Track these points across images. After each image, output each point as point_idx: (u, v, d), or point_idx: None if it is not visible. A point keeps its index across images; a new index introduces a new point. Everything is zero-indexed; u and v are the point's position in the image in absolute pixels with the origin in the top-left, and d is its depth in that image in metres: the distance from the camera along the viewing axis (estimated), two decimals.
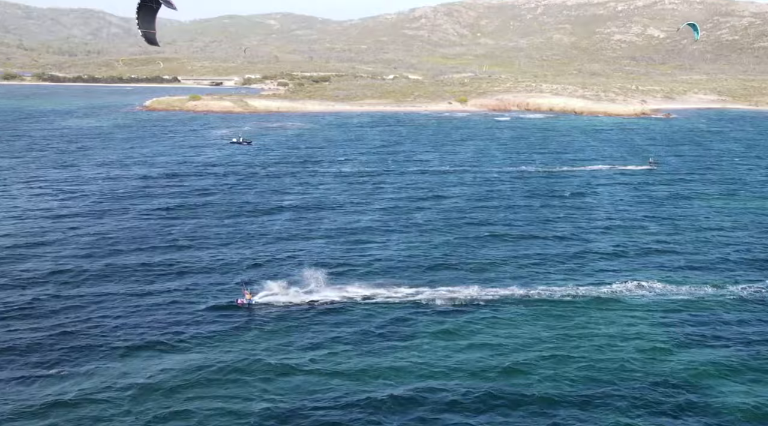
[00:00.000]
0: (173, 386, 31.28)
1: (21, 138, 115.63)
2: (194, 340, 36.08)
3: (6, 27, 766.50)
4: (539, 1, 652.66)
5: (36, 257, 50.21)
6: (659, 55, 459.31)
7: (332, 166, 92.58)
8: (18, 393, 30.92)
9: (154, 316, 39.17)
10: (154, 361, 33.67)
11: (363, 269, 47.89)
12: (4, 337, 36.42)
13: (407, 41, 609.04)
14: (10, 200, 68.43)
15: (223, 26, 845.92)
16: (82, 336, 36.61)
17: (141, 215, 63.42)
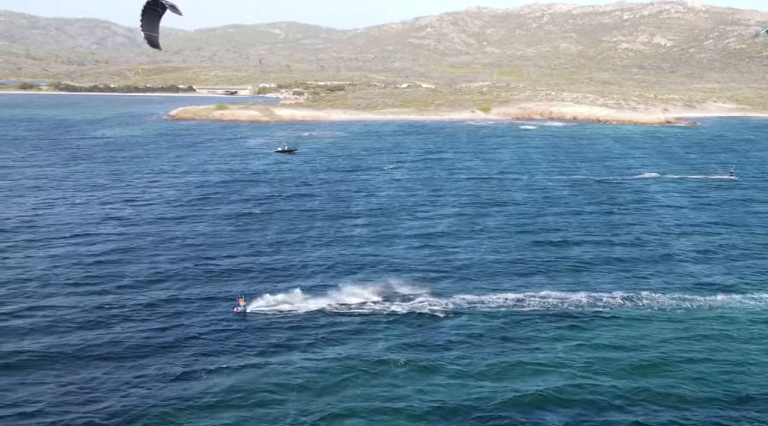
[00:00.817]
0: (324, 386, 32.48)
1: (65, 148, 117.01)
2: (323, 339, 37.36)
3: (12, 36, 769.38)
4: (544, 11, 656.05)
5: (135, 261, 51.53)
6: (667, 63, 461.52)
7: (383, 173, 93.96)
8: (173, 390, 32.11)
9: (271, 319, 40.43)
10: (289, 360, 34.88)
11: (456, 274, 49.17)
12: (146, 336, 37.70)
13: (414, 50, 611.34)
14: (82, 209, 69.65)
15: (228, 35, 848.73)
16: (213, 335, 37.87)
17: (219, 220, 64.84)
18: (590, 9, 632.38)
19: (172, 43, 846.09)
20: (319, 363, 34.68)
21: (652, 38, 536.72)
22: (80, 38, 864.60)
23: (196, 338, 37.70)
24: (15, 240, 57.19)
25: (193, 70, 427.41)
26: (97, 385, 33.12)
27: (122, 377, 33.69)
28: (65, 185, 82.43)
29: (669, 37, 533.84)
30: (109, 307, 42.28)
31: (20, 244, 56.23)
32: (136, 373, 34.23)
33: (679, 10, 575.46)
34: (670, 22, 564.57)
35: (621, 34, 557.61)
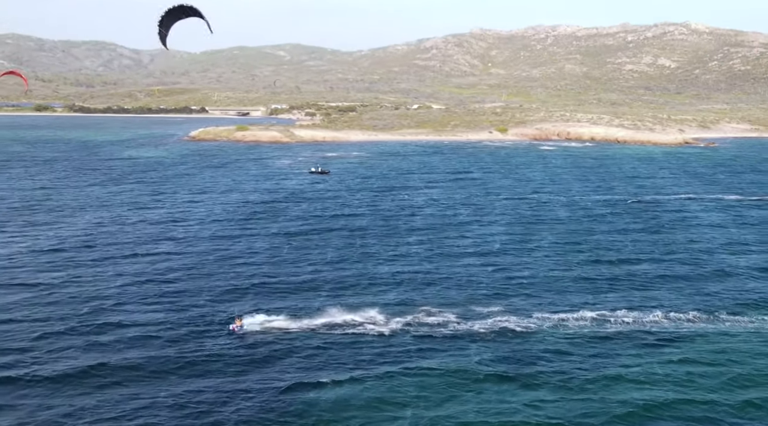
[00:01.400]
0: (429, 399, 33.29)
1: (98, 169, 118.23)
2: (417, 353, 38.14)
3: (19, 59, 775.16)
4: (549, 32, 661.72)
5: (205, 278, 52.44)
6: (673, 84, 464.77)
7: (419, 193, 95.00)
8: (280, 403, 32.89)
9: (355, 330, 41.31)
10: (388, 372, 35.72)
11: (524, 291, 49.96)
12: (240, 350, 38.50)
13: (419, 71, 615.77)
14: (135, 228, 70.60)
15: (234, 57, 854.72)
16: (308, 350, 38.67)
17: (274, 238, 65.94)
18: (594, 31, 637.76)
19: (177, 65, 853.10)
20: (418, 378, 35.43)
21: (656, 60, 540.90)
22: (87, 60, 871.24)
23: (293, 352, 38.50)
24: (80, 259, 58.05)
25: (202, 92, 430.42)
26: (204, 397, 33.87)
27: (227, 389, 34.47)
28: (110, 205, 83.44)
29: (673, 59, 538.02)
30: (195, 323, 43.13)
31: (86, 262, 57.10)
32: (239, 385, 34.99)
33: (683, 32, 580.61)
34: (674, 43, 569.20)
35: (625, 55, 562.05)
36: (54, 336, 41.51)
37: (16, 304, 47.03)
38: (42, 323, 43.46)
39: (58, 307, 46.28)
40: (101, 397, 33.72)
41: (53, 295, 48.98)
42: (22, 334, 41.74)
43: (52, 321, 43.87)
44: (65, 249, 61.33)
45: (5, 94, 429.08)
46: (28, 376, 35.97)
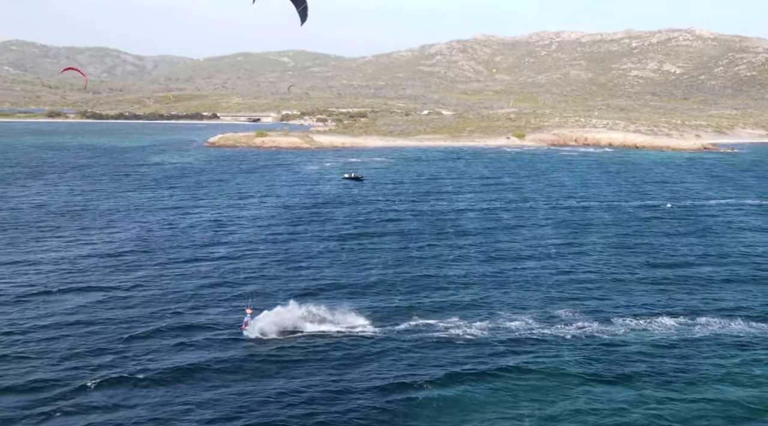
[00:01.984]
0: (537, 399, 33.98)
1: (130, 174, 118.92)
2: (508, 354, 38.80)
3: (24, 65, 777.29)
4: (553, 38, 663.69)
5: (277, 278, 53.16)
6: (679, 90, 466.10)
7: (457, 197, 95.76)
8: (378, 401, 33.51)
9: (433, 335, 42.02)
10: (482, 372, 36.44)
11: (597, 292, 50.50)
12: (329, 349, 39.15)
13: (424, 77, 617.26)
14: (186, 232, 71.27)
15: (237, 63, 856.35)
16: (399, 352, 39.31)
17: (327, 240, 66.71)
18: (599, 37, 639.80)
19: (181, 71, 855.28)
20: (517, 378, 36.00)
21: (661, 65, 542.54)
22: (90, 67, 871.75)
23: (384, 353, 39.13)
24: (143, 263, 58.66)
25: (211, 98, 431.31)
26: (307, 396, 34.42)
27: (328, 389, 35.06)
28: (155, 210, 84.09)
29: (678, 65, 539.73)
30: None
31: (151, 265, 57.70)
32: (337, 386, 35.45)
33: (688, 38, 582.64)
34: (679, 49, 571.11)
35: (630, 61, 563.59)
36: (141, 337, 42.12)
37: (94, 307, 47.62)
38: (126, 325, 44.07)
39: (138, 309, 46.92)
40: (200, 396, 34.24)
41: (128, 298, 49.59)
42: (110, 335, 42.34)
43: (135, 323, 44.49)
44: (125, 253, 61.97)
45: (14, 100, 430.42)
46: (128, 376, 36.59)
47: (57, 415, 32.51)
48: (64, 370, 37.16)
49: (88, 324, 44.10)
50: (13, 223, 74.27)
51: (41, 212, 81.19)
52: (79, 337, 41.79)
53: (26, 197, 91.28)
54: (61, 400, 33.99)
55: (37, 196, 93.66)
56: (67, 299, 48.93)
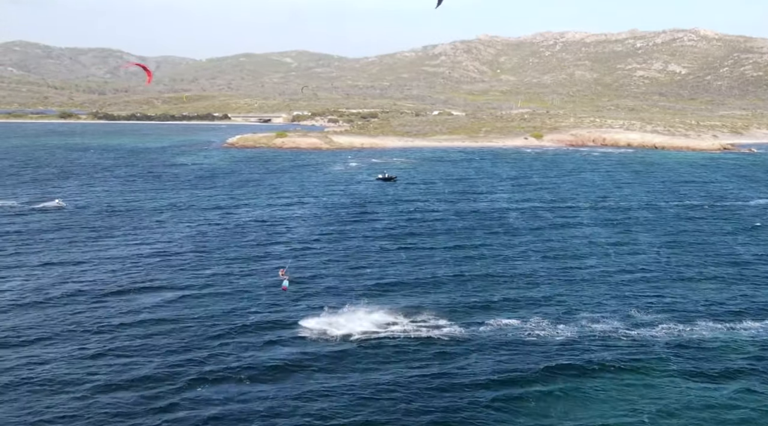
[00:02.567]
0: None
1: (160, 175, 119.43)
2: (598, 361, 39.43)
3: (27, 66, 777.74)
4: (557, 39, 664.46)
5: (348, 275, 53.81)
6: (686, 90, 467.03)
7: (494, 197, 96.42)
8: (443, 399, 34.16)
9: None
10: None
11: (669, 291, 50.96)
12: (407, 347, 39.80)
13: (428, 78, 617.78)
14: (239, 231, 71.90)
15: (240, 64, 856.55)
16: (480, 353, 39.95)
17: (381, 239, 67.52)
18: (603, 37, 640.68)
19: (184, 72, 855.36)
20: (619, 375, 36.56)
21: (666, 66, 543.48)
22: (93, 68, 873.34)
23: (472, 349, 39.79)
24: (209, 262, 59.30)
25: (219, 99, 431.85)
26: (415, 390, 35.05)
27: (420, 384, 35.66)
28: (199, 210, 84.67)
29: (684, 65, 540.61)
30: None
31: (215, 263, 58.38)
32: (430, 381, 36.05)
33: (692, 38, 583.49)
34: (684, 50, 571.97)
35: (635, 61, 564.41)
36: (228, 335, 42.77)
37: (172, 306, 48.20)
38: (210, 323, 44.68)
39: (216, 307, 47.53)
40: (305, 390, 34.96)
41: (203, 296, 50.16)
42: (198, 333, 42.95)
43: (217, 320, 45.10)
44: (185, 252, 62.56)
45: (22, 101, 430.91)
46: (230, 372, 37.26)
47: (170, 410, 33.17)
48: (166, 366, 37.82)
49: (173, 322, 44.75)
50: (64, 224, 74.83)
51: (87, 213, 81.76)
52: (169, 335, 42.46)
53: (68, 198, 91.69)
54: (170, 395, 34.67)
55: (78, 196, 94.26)
56: (143, 298, 49.55)
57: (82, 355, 39.09)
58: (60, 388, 35.08)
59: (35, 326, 43.58)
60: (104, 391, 34.79)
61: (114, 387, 35.23)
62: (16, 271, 55.64)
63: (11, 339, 41.52)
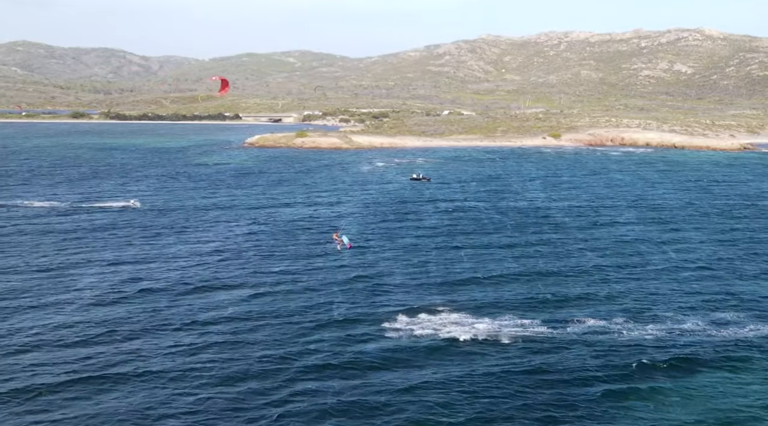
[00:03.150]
0: None
1: (192, 175, 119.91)
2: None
3: (30, 66, 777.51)
4: (561, 38, 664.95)
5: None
6: (692, 90, 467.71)
7: (532, 197, 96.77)
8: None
9: None
10: None
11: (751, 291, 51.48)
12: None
13: (433, 77, 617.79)
14: (303, 228, 72.45)
15: (243, 64, 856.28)
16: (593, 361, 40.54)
17: (432, 236, 67.81)
18: (607, 37, 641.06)
19: (187, 72, 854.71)
20: (715, 373, 37.26)
21: (672, 65, 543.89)
22: (96, 67, 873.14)
23: (570, 343, 40.39)
24: (273, 259, 59.90)
25: (227, 98, 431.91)
26: (517, 386, 35.61)
27: (522, 384, 36.22)
28: (245, 208, 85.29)
29: (689, 65, 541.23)
30: (450, 318, 44.99)
31: (281, 262, 58.92)
32: (539, 377, 36.72)
33: (697, 38, 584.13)
34: (689, 49, 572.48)
35: (640, 61, 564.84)
36: (316, 330, 43.30)
37: (250, 302, 48.74)
38: (297, 318, 45.42)
39: (297, 303, 48.18)
40: (400, 385, 35.43)
41: (278, 293, 50.72)
42: (288, 328, 43.59)
43: (303, 315, 45.76)
44: (247, 249, 63.40)
45: (30, 101, 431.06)
46: (335, 364, 37.99)
47: (281, 404, 33.77)
48: (265, 361, 38.48)
49: (257, 319, 45.37)
50: (117, 224, 75.30)
51: (138, 212, 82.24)
52: (257, 331, 43.09)
53: (114, 198, 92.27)
54: (276, 390, 35.32)
55: (121, 194, 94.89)
56: (220, 295, 50.16)
57: (179, 351, 39.69)
58: (167, 384, 35.65)
59: (123, 322, 44.19)
60: (213, 385, 35.39)
61: (221, 381, 35.83)
62: (88, 268, 56.27)
63: (104, 335, 42.09)
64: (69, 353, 39.00)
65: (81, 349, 39.62)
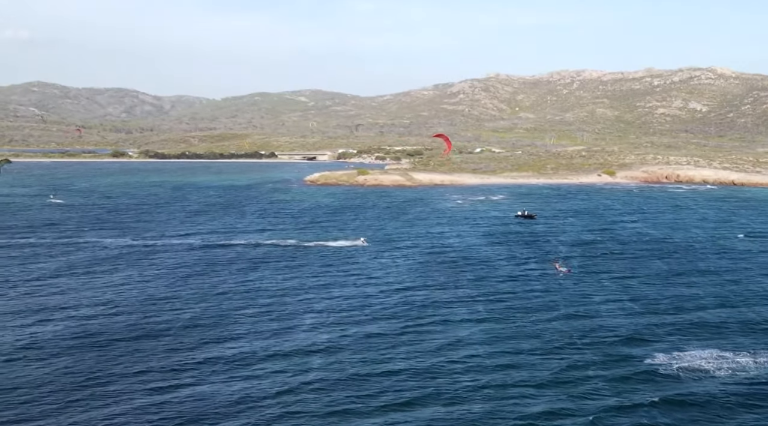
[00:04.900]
0: None
1: (281, 212, 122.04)
2: None
3: (46, 106, 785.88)
4: (574, 77, 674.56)
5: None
6: (709, 127, 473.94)
7: (643, 230, 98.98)
8: None
9: None
10: None
11: None
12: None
13: (448, 116, 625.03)
14: (444, 264, 74.29)
15: (255, 103, 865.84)
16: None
17: (592, 273, 69.65)
18: (620, 75, 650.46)
19: (199, 111, 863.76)
20: None
21: (686, 103, 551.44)
22: (110, 107, 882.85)
23: None
24: (466, 292, 61.66)
25: (252, 137, 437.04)
26: None
27: None
28: (382, 242, 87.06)
29: (703, 103, 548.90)
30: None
31: (478, 293, 60.70)
32: None
33: (710, 77, 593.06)
34: (702, 88, 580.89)
35: (654, 99, 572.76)
36: (593, 365, 44.59)
37: (486, 331, 50.31)
38: (556, 355, 46.85)
39: (548, 336, 49.71)
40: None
41: (509, 332, 52.38)
42: (550, 370, 45.05)
43: (565, 352, 47.29)
44: (425, 286, 64.86)
45: (58, 140, 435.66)
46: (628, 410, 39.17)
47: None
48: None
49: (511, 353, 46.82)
50: (241, 258, 76.83)
51: (256, 251, 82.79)
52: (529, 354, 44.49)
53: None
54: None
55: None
56: (458, 331, 50.99)
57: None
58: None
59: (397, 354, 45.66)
60: None
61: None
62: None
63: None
64: None
65: None
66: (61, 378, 39.76)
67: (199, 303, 56.47)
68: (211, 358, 43.27)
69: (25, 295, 59.03)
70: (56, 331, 48.44)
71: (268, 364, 42.36)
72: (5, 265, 71.25)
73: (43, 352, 44.14)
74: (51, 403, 36.22)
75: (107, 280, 64.58)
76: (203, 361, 42.69)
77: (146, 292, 60.36)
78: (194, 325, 50.25)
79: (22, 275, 66.59)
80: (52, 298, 57.79)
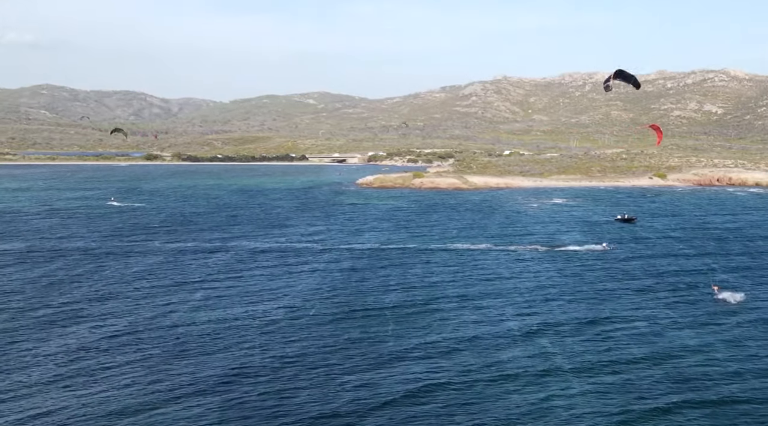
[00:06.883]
0: None
1: (367, 214, 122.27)
2: None
3: (55, 108, 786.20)
4: (586, 79, 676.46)
5: None
6: (727, 129, 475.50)
7: (737, 233, 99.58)
8: None
9: None
10: None
11: None
12: None
13: (461, 118, 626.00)
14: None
15: (264, 105, 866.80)
16: None
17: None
18: None
19: (208, 114, 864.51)
20: None
21: (701, 106, 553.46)
22: (118, 110, 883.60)
23: None
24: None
25: (275, 140, 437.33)
26: None
27: None
28: (480, 252, 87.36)
29: (718, 105, 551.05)
30: None
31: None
32: None
33: (723, 79, 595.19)
34: (715, 90, 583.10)
35: (669, 101, 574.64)
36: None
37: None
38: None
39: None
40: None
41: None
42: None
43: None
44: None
45: (81, 144, 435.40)
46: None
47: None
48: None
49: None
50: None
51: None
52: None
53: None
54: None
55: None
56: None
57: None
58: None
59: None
60: None
61: None
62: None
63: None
64: None
65: None
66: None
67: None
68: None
69: (245, 282, 65.18)
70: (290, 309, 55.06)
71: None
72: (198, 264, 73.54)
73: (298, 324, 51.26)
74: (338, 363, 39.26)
75: (299, 274, 68.76)
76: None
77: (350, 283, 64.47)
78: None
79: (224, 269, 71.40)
80: (267, 284, 64.57)
